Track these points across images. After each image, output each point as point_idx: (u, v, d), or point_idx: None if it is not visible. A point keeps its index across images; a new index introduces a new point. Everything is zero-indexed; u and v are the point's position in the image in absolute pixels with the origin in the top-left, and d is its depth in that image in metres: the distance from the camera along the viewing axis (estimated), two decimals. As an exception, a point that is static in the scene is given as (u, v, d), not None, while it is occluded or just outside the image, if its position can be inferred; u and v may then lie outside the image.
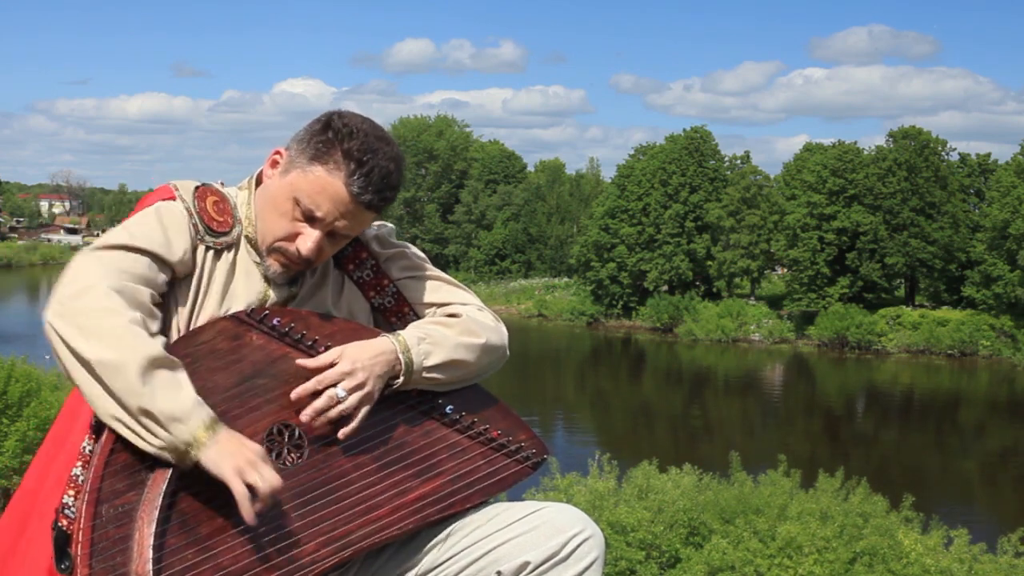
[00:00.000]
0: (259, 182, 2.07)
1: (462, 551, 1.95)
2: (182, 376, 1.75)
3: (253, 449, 1.76)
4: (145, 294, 1.80)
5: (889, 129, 67.04)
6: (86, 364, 1.70)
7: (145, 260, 1.84)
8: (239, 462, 1.72)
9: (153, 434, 1.70)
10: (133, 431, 1.71)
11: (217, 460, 1.72)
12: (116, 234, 1.87)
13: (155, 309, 1.83)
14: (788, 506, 13.94)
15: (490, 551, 1.93)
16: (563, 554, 1.91)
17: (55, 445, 1.93)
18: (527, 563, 1.90)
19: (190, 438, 1.71)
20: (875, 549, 12.53)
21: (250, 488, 1.72)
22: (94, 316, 1.71)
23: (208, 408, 1.75)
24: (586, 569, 1.92)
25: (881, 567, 12.33)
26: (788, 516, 13.48)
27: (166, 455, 1.72)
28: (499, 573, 1.92)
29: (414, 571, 1.97)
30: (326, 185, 1.90)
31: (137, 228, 1.88)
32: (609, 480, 15.06)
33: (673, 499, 13.90)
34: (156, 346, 1.74)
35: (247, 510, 1.72)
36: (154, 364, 1.71)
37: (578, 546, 1.92)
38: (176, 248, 1.89)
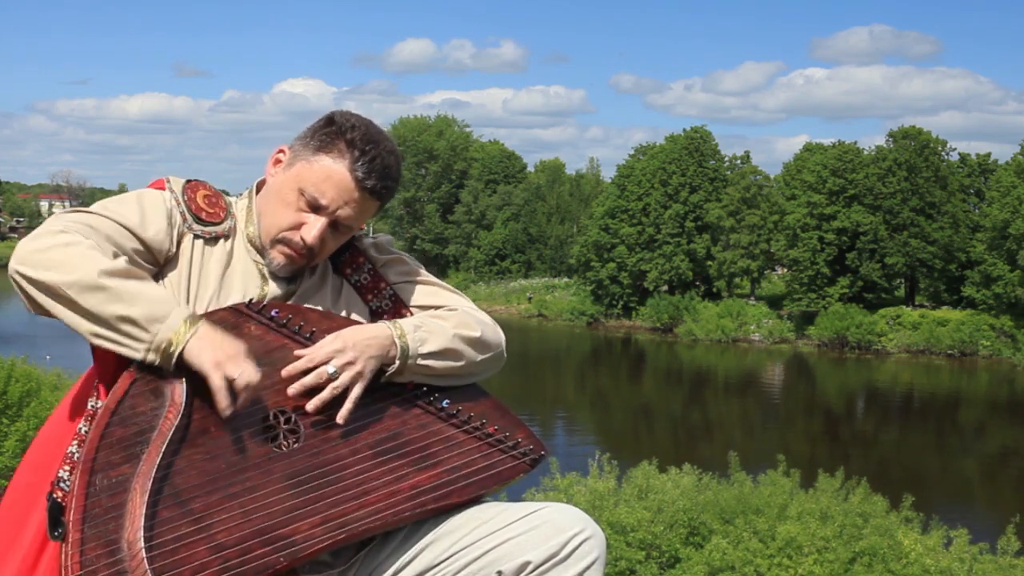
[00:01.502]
0: (259, 190, 2.12)
1: (462, 550, 1.95)
2: (151, 283, 1.82)
3: (234, 344, 1.82)
4: (108, 249, 1.84)
5: (889, 129, 67.02)
6: (56, 291, 1.75)
7: (115, 225, 1.90)
8: (219, 355, 1.78)
9: (136, 339, 1.76)
10: (116, 342, 1.77)
11: (198, 353, 1.78)
12: (92, 206, 1.94)
13: (119, 254, 1.86)
14: (788, 506, 13.94)
15: (490, 550, 1.93)
16: (563, 554, 1.91)
17: (55, 434, 1.94)
18: (527, 563, 1.91)
19: (171, 335, 1.77)
20: (875, 549, 12.53)
21: (229, 383, 1.78)
22: (54, 251, 1.78)
23: (185, 305, 1.83)
24: (586, 569, 1.92)
25: (881, 567, 12.33)
26: (788, 516, 13.49)
27: (151, 357, 1.78)
28: (499, 573, 1.92)
29: (414, 570, 1.97)
30: (331, 173, 1.98)
31: (112, 203, 1.95)
32: (609, 480, 15.06)
33: (673, 499, 13.90)
34: (121, 261, 1.80)
35: (224, 401, 1.78)
36: (121, 274, 1.77)
37: (579, 546, 1.92)
38: (150, 225, 1.94)
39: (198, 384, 1.82)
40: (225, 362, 1.78)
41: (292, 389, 1.90)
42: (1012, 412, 40.43)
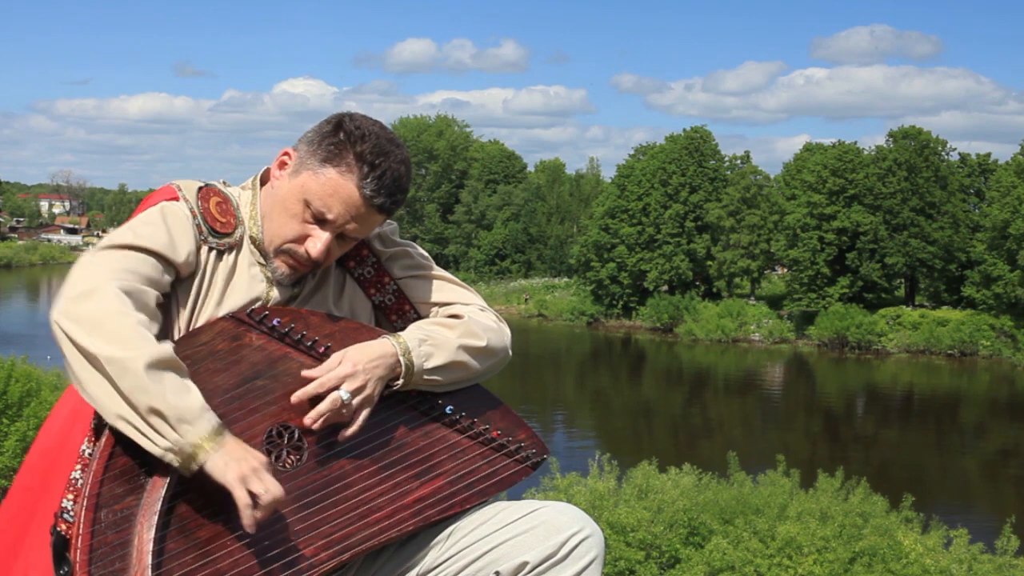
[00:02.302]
0: (263, 181, 2.07)
1: (460, 551, 1.95)
2: (189, 381, 1.75)
3: (257, 458, 1.75)
4: (151, 296, 1.81)
5: (890, 129, 67.02)
6: (94, 361, 1.69)
7: (151, 260, 1.84)
8: (243, 469, 1.72)
9: (161, 434, 1.69)
10: (140, 431, 1.70)
11: (222, 466, 1.71)
12: (121, 234, 1.87)
13: (158, 312, 1.83)
14: (788, 506, 13.95)
15: (488, 551, 1.93)
16: (561, 554, 1.90)
17: (55, 446, 1.92)
18: (525, 563, 1.90)
19: (197, 441, 1.70)
20: (875, 549, 12.53)
21: (252, 496, 1.71)
22: (101, 316, 1.70)
23: (215, 415, 1.75)
24: (585, 568, 1.91)
25: (881, 567, 12.33)
26: (788, 516, 13.49)
27: (171, 457, 1.71)
28: (497, 573, 1.92)
29: (413, 572, 1.97)
30: (338, 187, 1.91)
31: (143, 228, 1.88)
32: (609, 480, 15.06)
33: (673, 499, 13.90)
34: (166, 348, 1.74)
35: (248, 518, 1.71)
36: (164, 365, 1.71)
37: (576, 545, 1.91)
38: (180, 249, 1.89)
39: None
40: (250, 476, 1.72)
41: (308, 419, 1.87)
42: (1012, 412, 40.39)
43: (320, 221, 1.93)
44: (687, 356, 53.12)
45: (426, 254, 2.18)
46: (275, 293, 2.01)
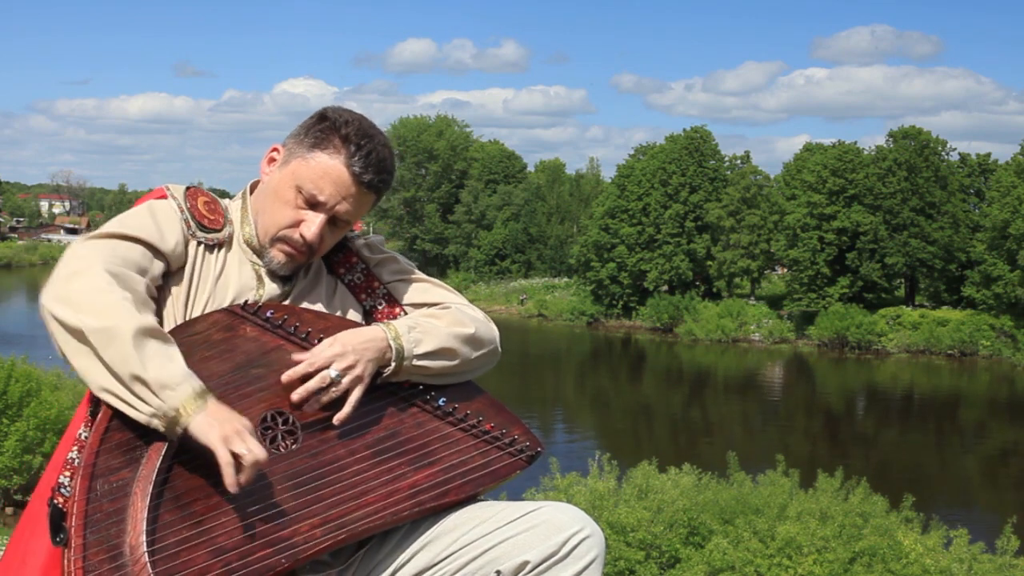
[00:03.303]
0: (252, 190, 2.14)
1: (460, 549, 1.95)
2: (173, 349, 1.79)
3: (241, 421, 1.79)
4: (140, 282, 1.86)
5: (890, 129, 67.00)
6: (79, 335, 1.74)
7: (139, 248, 1.91)
8: (226, 431, 1.75)
9: (144, 401, 1.74)
10: (124, 400, 1.74)
11: (205, 428, 1.75)
12: (110, 224, 1.94)
13: (148, 299, 1.88)
14: (788, 506, 13.95)
15: (489, 550, 1.93)
16: (562, 553, 1.91)
17: (64, 446, 1.96)
18: (526, 562, 1.91)
19: (179, 405, 1.74)
20: (875, 549, 12.54)
21: (236, 458, 1.74)
22: (87, 294, 1.76)
23: (198, 380, 1.79)
24: (585, 568, 1.92)
25: (880, 567, 12.34)
26: (788, 516, 13.50)
27: (156, 423, 1.74)
28: (498, 572, 1.92)
29: (412, 569, 1.98)
30: (328, 169, 1.99)
31: (130, 219, 1.95)
32: (609, 480, 15.07)
33: (673, 499, 13.91)
34: (148, 318, 1.79)
35: (230, 477, 1.74)
36: (146, 333, 1.75)
37: (577, 545, 1.92)
38: (168, 239, 1.95)
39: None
40: (232, 437, 1.75)
41: (296, 395, 1.91)
42: (1012, 412, 40.39)
43: (312, 205, 2.00)
44: (687, 356, 53.13)
45: (412, 262, 2.25)
46: (266, 291, 2.05)
